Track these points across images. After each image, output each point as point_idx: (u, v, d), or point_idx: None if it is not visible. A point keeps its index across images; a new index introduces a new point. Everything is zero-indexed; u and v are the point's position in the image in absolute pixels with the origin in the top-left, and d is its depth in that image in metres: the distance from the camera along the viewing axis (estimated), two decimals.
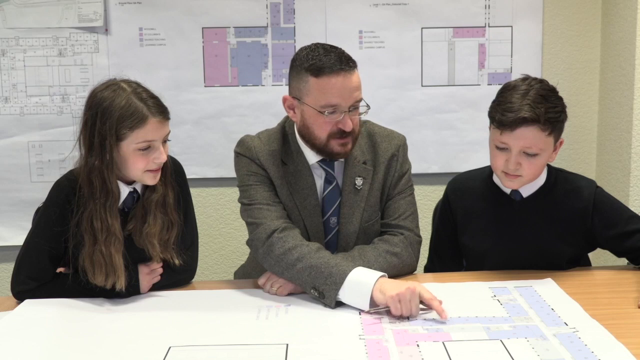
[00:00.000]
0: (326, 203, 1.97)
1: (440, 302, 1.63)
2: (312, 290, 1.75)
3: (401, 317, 1.63)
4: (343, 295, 1.71)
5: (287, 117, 2.00)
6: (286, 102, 1.93)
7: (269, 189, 1.94)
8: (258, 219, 1.89)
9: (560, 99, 1.85)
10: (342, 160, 1.96)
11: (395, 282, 1.69)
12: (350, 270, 1.72)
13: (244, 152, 1.98)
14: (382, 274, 1.72)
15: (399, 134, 2.06)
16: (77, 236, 1.78)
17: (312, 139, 1.90)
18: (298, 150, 1.96)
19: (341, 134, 1.86)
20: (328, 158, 1.94)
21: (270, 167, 1.94)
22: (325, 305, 1.73)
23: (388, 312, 1.66)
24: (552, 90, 1.85)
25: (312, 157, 1.95)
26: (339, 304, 1.73)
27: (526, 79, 1.86)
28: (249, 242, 1.92)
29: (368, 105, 1.89)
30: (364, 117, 1.94)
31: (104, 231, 1.75)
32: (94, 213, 1.75)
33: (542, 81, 1.86)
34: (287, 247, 1.81)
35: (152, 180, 1.80)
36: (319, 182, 1.97)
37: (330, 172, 1.97)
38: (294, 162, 1.96)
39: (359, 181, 1.97)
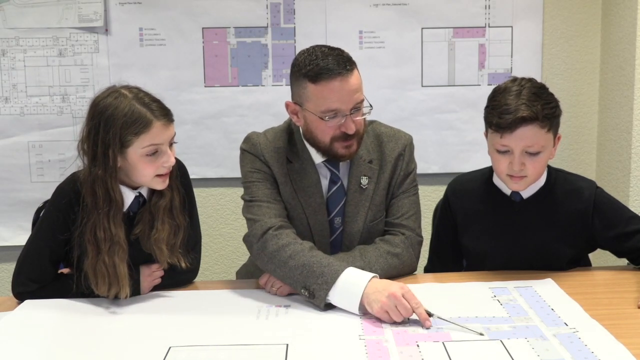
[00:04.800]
0: (330, 203, 1.97)
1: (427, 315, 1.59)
2: (302, 290, 1.74)
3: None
4: (333, 296, 1.69)
5: None
6: (289, 108, 1.92)
7: (271, 186, 1.94)
8: (256, 215, 1.89)
9: (552, 94, 1.86)
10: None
11: (379, 291, 1.63)
12: (342, 271, 1.71)
13: (249, 148, 1.98)
14: (373, 275, 1.70)
15: (405, 134, 2.06)
16: (81, 246, 1.77)
17: (317, 143, 1.90)
18: (303, 148, 1.96)
19: (344, 137, 1.86)
20: (334, 160, 1.93)
21: (274, 164, 1.94)
22: (315, 305, 1.72)
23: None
24: (543, 87, 1.86)
25: (317, 156, 1.95)
26: (329, 307, 1.71)
27: (515, 79, 1.87)
28: (245, 239, 1.92)
29: (370, 105, 1.89)
30: (368, 117, 1.94)
31: (107, 241, 1.75)
32: (97, 223, 1.75)
33: (531, 80, 1.87)
34: (280, 244, 1.80)
35: (161, 185, 1.80)
36: (324, 182, 1.97)
37: (335, 173, 1.96)
38: (300, 160, 1.95)
39: (364, 180, 1.97)
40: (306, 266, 1.74)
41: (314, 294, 1.71)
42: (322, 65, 1.80)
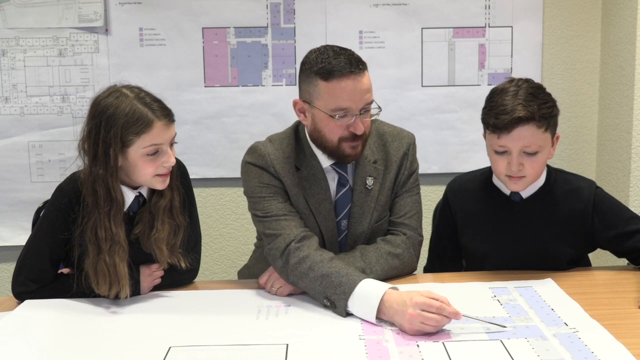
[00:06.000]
0: (338, 206, 1.96)
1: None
2: (325, 301, 1.72)
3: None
4: (352, 306, 1.67)
5: (299, 120, 1.97)
6: (297, 106, 1.91)
7: (284, 199, 1.91)
8: (276, 230, 1.86)
9: (549, 94, 1.87)
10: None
11: (397, 313, 1.58)
12: (360, 281, 1.68)
13: (255, 161, 1.93)
14: (390, 286, 1.66)
15: (408, 133, 2.05)
16: (81, 246, 1.77)
17: (324, 143, 1.88)
18: (312, 154, 1.94)
19: (352, 137, 1.85)
20: (339, 161, 1.92)
21: (285, 175, 1.91)
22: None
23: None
24: (540, 87, 1.87)
25: (325, 160, 1.93)
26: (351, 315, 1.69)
27: (512, 80, 1.87)
28: (267, 253, 1.88)
29: (379, 107, 1.88)
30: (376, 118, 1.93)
31: (108, 240, 1.75)
32: (98, 222, 1.75)
33: (528, 80, 1.87)
34: (301, 255, 1.78)
35: (161, 184, 1.80)
36: (332, 185, 1.96)
37: (344, 175, 1.96)
38: (308, 166, 1.94)
39: (369, 181, 1.96)
40: (325, 277, 1.72)
41: (334, 304, 1.69)
42: (334, 64, 1.80)
